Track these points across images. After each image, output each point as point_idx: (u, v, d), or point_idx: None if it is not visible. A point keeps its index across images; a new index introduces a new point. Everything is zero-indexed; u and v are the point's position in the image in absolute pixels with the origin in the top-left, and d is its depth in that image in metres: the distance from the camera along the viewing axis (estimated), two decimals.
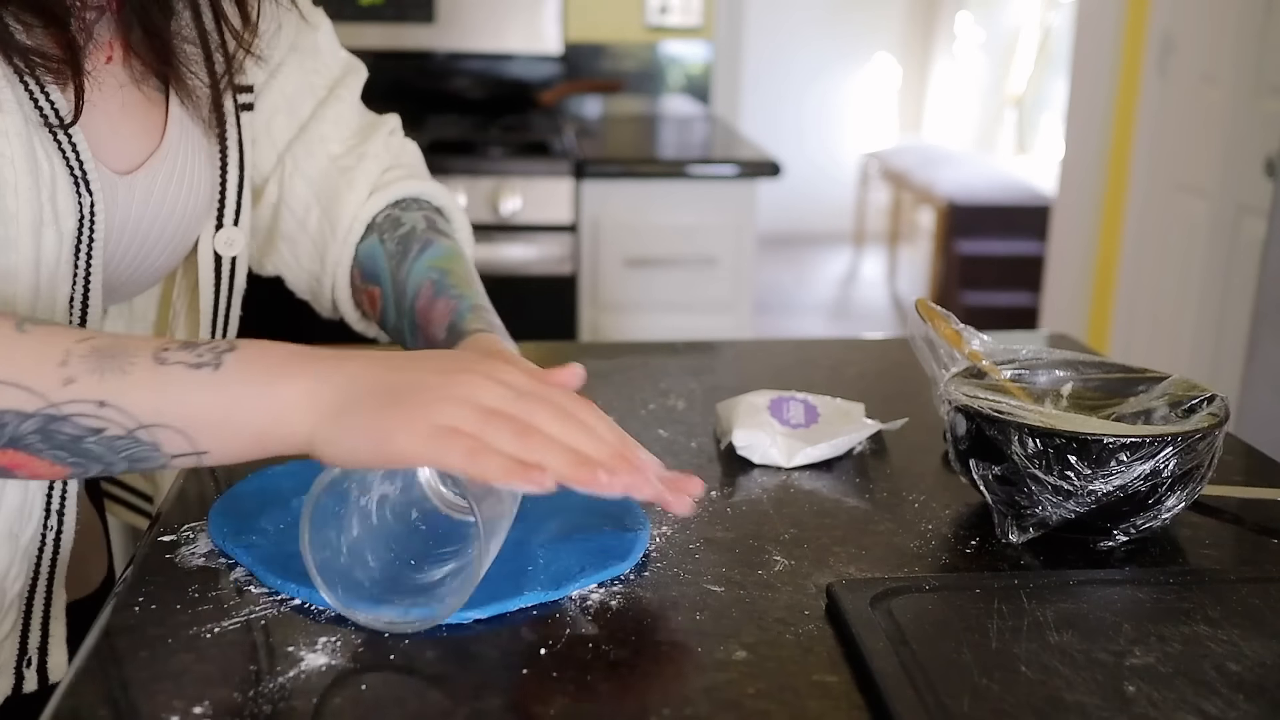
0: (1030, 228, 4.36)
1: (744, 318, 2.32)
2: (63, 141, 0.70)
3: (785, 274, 5.49)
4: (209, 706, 0.54)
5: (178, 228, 0.80)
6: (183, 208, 0.79)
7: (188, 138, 0.79)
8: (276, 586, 0.65)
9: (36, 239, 0.69)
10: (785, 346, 1.19)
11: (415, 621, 0.60)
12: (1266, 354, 2.08)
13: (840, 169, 6.12)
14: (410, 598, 0.62)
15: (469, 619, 0.62)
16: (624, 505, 0.73)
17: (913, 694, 0.54)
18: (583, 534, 0.71)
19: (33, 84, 0.68)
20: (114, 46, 0.74)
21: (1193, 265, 2.76)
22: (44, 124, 0.69)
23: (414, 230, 0.88)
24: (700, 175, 2.28)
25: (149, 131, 0.77)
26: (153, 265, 0.80)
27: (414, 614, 0.61)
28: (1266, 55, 2.49)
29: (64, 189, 0.70)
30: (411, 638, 0.60)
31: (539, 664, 0.59)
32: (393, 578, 0.64)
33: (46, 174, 0.69)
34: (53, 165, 0.69)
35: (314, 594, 0.63)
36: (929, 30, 6.32)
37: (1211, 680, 0.56)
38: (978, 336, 0.84)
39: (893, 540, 0.73)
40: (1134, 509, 0.71)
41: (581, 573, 0.66)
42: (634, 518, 0.73)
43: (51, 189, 0.69)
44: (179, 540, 0.71)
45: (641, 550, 0.70)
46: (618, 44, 2.91)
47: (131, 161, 0.76)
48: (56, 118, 0.70)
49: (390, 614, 0.61)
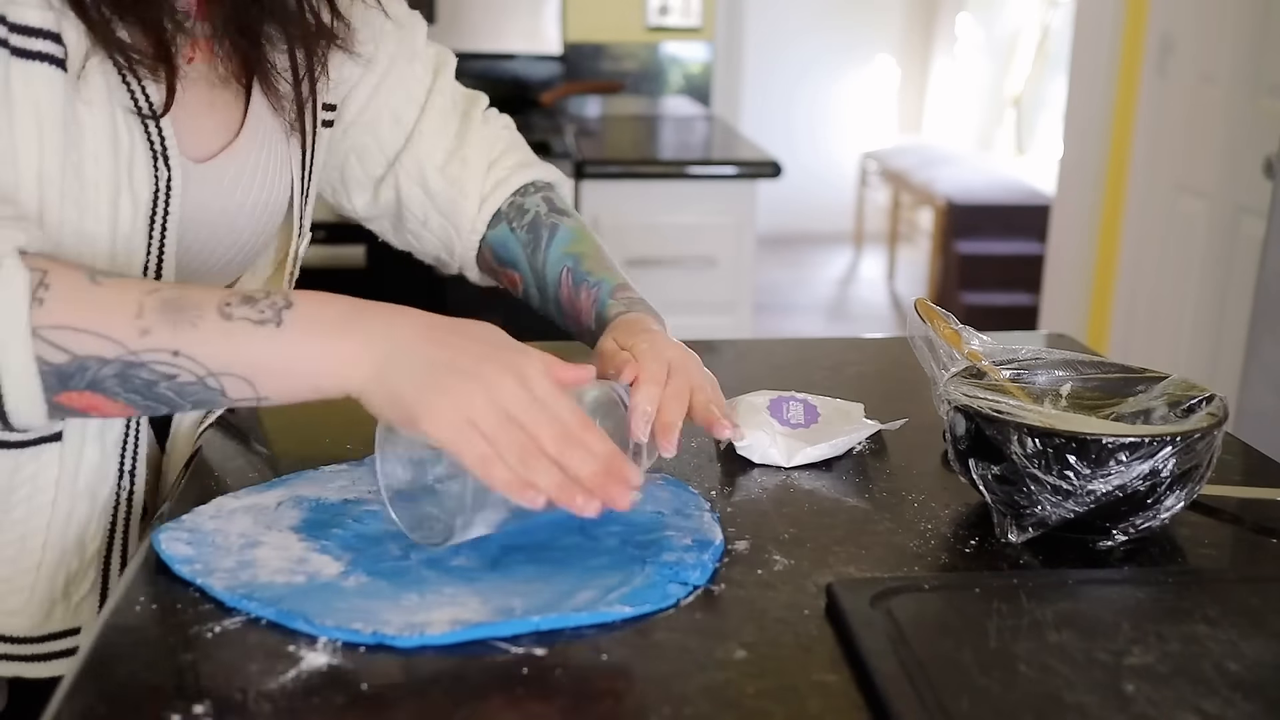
0: (1030, 228, 4.36)
1: (744, 318, 2.32)
2: (150, 127, 0.75)
3: (785, 274, 5.49)
4: (209, 706, 0.54)
5: (248, 221, 0.84)
6: (253, 203, 0.84)
7: (263, 139, 0.84)
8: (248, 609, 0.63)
9: (114, 207, 0.73)
10: (785, 346, 1.19)
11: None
12: (1265, 354, 2.08)
13: (840, 169, 6.12)
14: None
15: (509, 633, 0.61)
16: (697, 523, 0.74)
17: (913, 694, 0.54)
18: (652, 550, 0.70)
19: (130, 76, 0.74)
20: (195, 48, 0.79)
21: (1192, 265, 2.76)
22: (135, 111, 0.74)
23: (538, 215, 0.95)
24: (700, 175, 2.28)
25: (227, 127, 0.82)
26: (223, 256, 0.84)
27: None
28: (1265, 55, 2.49)
29: (141, 162, 0.75)
30: (411, 637, 0.60)
31: (539, 664, 0.59)
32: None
33: (125, 146, 0.73)
34: (133, 138, 0.74)
35: (274, 611, 0.62)
36: (929, 30, 6.32)
37: (1210, 679, 0.57)
38: (977, 336, 0.84)
39: (892, 540, 0.73)
40: (1133, 509, 0.71)
41: (615, 599, 0.64)
42: (704, 541, 0.71)
43: (130, 160, 0.74)
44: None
45: (681, 594, 0.66)
46: (618, 44, 2.91)
47: (207, 152, 0.80)
48: (149, 107, 0.75)
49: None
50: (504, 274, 0.98)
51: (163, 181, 0.76)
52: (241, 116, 0.83)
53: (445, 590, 0.65)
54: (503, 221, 0.97)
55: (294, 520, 0.73)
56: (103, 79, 0.72)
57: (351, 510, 0.74)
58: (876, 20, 6.16)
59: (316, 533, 0.71)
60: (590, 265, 0.92)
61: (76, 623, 0.80)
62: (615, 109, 2.91)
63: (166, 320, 0.64)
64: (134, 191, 0.75)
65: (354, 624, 0.60)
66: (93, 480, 0.79)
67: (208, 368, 0.64)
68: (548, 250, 0.94)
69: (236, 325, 0.64)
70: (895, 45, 6.25)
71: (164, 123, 0.76)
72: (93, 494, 0.79)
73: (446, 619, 0.61)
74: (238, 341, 0.64)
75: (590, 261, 0.92)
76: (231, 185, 0.82)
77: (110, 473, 0.80)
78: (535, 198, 0.97)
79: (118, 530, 0.81)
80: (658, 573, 0.67)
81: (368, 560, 0.68)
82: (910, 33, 6.29)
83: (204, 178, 0.80)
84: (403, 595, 0.64)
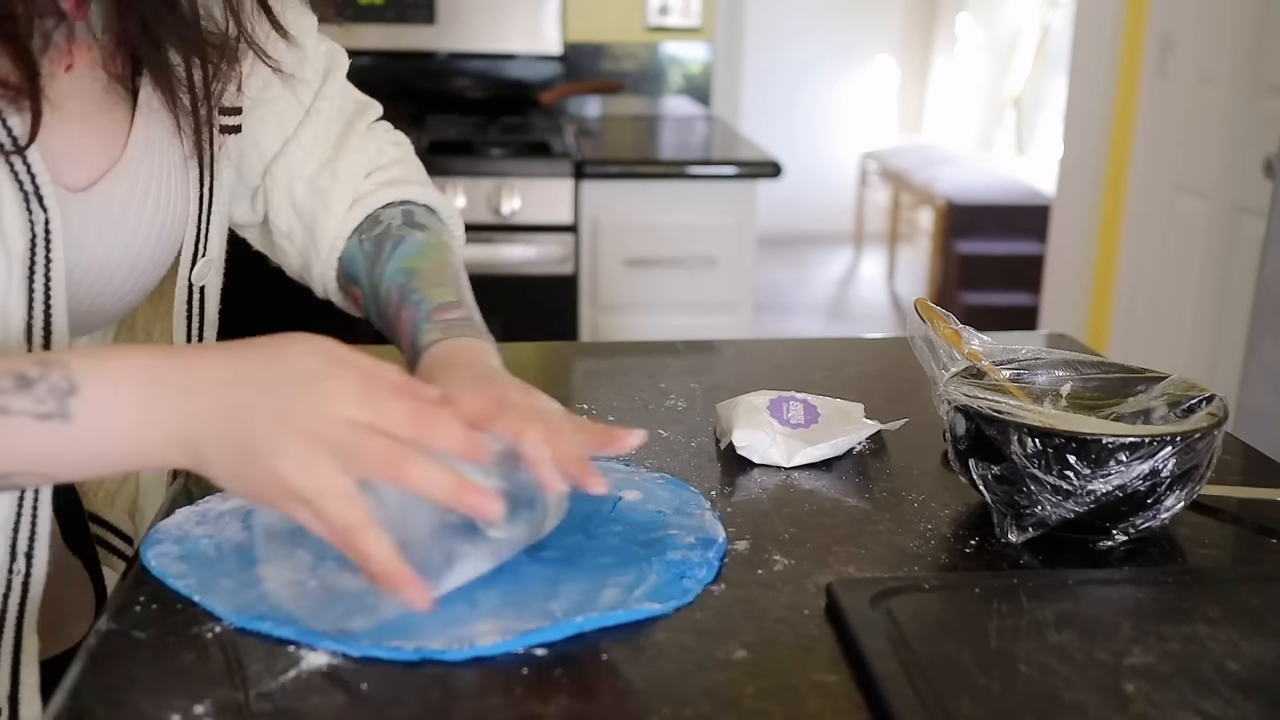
0: (1029, 228, 4.36)
1: (744, 318, 2.32)
2: (15, 162, 0.66)
3: (785, 274, 5.49)
4: (209, 706, 0.54)
5: (142, 250, 0.75)
6: (147, 228, 0.75)
7: (154, 153, 0.75)
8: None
9: None
10: (785, 346, 1.19)
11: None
12: (1265, 354, 2.08)
13: (840, 169, 6.12)
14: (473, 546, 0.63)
15: (522, 647, 0.60)
16: (699, 521, 0.73)
17: (912, 694, 0.54)
18: (654, 550, 0.69)
19: None
20: (74, 53, 0.71)
21: (1191, 265, 2.76)
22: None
23: (389, 228, 0.86)
24: (700, 175, 2.28)
25: (109, 145, 0.73)
26: (118, 292, 0.76)
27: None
28: (1265, 55, 2.49)
29: (11, 208, 0.66)
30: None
31: (539, 664, 0.59)
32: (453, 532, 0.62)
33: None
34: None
35: (268, 625, 0.61)
36: (929, 30, 6.32)
37: (1210, 680, 0.57)
38: (977, 336, 0.84)
39: (892, 540, 0.73)
40: (1133, 509, 0.71)
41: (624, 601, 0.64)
42: (707, 540, 0.71)
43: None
44: None
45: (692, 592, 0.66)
46: (618, 44, 2.91)
47: (88, 177, 0.71)
48: (11, 141, 0.66)
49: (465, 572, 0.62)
50: (350, 292, 0.88)
51: (39, 225, 0.67)
52: (125, 132, 0.74)
53: (460, 595, 0.63)
54: (355, 234, 0.87)
55: (289, 526, 0.70)
56: None
57: None
58: (876, 20, 6.16)
59: (316, 540, 0.68)
60: (419, 282, 0.80)
61: None
62: (615, 109, 2.91)
63: None
64: (6, 241, 0.65)
65: (392, 641, 0.59)
66: None
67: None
68: (386, 264, 0.83)
69: (16, 422, 0.55)
70: (895, 45, 6.25)
71: (31, 155, 0.66)
72: None
73: (494, 629, 0.60)
74: (21, 441, 0.56)
75: (421, 278, 0.80)
76: (122, 211, 0.73)
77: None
78: (394, 210, 0.87)
79: (9, 615, 0.71)
80: (666, 570, 0.67)
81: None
82: (910, 33, 6.29)
83: (88, 208, 0.71)
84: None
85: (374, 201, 0.88)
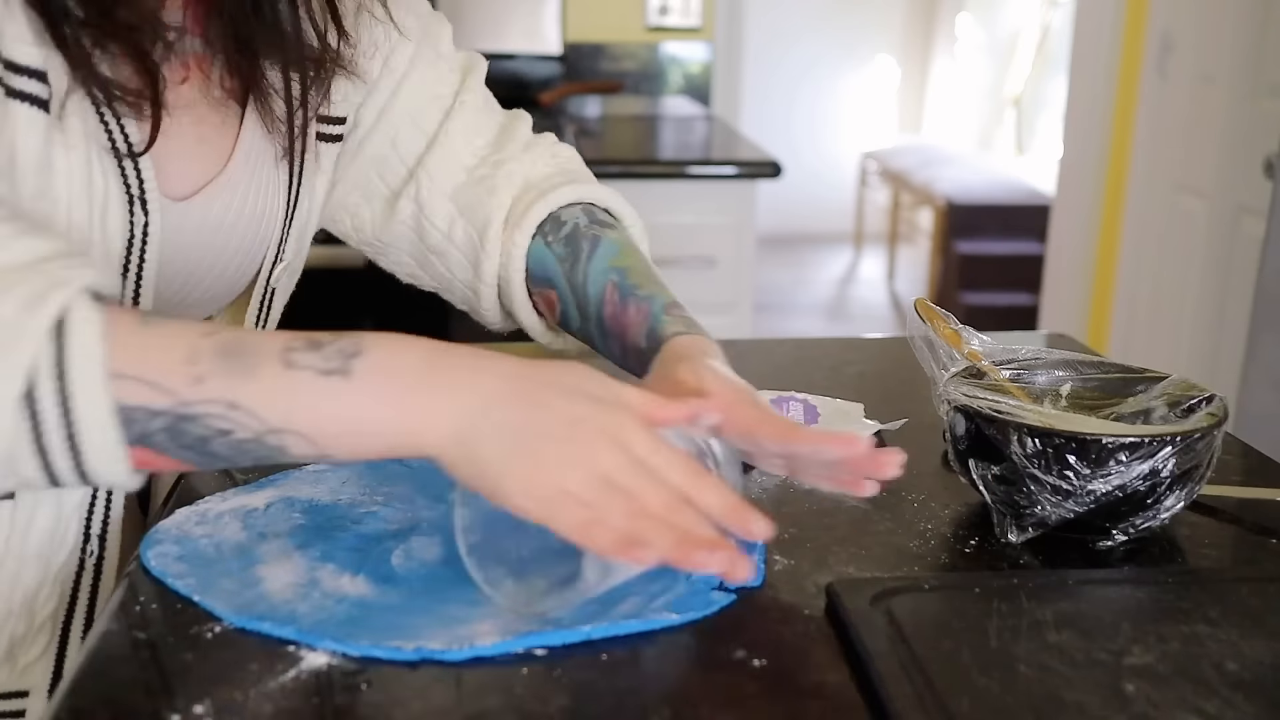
0: (1029, 228, 4.37)
1: (743, 318, 2.32)
2: (126, 166, 0.69)
3: (785, 274, 5.49)
4: (209, 706, 0.54)
5: (232, 259, 0.78)
6: (240, 238, 0.77)
7: (254, 167, 0.78)
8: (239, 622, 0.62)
9: None
10: (785, 346, 1.19)
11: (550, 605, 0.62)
12: (1265, 354, 2.08)
13: (839, 169, 6.13)
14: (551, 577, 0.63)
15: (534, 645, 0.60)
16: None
17: (912, 694, 0.54)
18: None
19: (108, 114, 0.68)
20: (191, 67, 0.74)
21: (1192, 265, 2.76)
22: (112, 151, 0.68)
23: (576, 228, 0.85)
24: (700, 175, 2.28)
25: (214, 158, 0.76)
26: (204, 295, 0.78)
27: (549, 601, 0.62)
28: (1265, 55, 2.49)
29: (115, 210, 0.68)
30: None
31: (539, 664, 0.59)
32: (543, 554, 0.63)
33: (100, 190, 0.68)
34: (107, 184, 0.68)
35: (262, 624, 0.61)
36: (929, 30, 6.32)
37: (1210, 680, 0.57)
38: (977, 336, 0.84)
39: (892, 540, 0.73)
40: (1133, 509, 0.71)
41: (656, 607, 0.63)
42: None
43: (104, 207, 0.68)
44: None
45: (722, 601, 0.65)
46: (618, 44, 2.91)
47: (191, 187, 0.74)
48: (127, 147, 0.69)
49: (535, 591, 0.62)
50: (542, 295, 0.87)
51: (139, 228, 0.70)
52: (231, 144, 0.77)
53: (460, 595, 0.63)
54: (538, 237, 0.86)
55: (289, 526, 0.71)
56: (79, 120, 0.67)
57: (350, 513, 0.73)
58: (876, 20, 6.16)
59: (316, 541, 0.69)
60: (639, 280, 0.81)
61: (23, 686, 0.75)
62: (615, 109, 2.91)
63: (222, 368, 0.56)
64: (106, 241, 0.68)
65: (392, 641, 0.59)
66: (45, 545, 0.72)
67: (266, 423, 0.57)
68: (589, 265, 0.83)
69: (299, 375, 0.57)
70: (895, 45, 6.25)
71: (143, 161, 0.70)
72: (45, 559, 0.73)
73: (494, 630, 0.60)
74: (299, 394, 0.56)
75: (638, 276, 0.82)
76: (217, 222, 0.76)
77: (69, 538, 0.74)
78: (574, 209, 0.87)
79: (81, 596, 0.75)
80: (702, 580, 0.66)
81: (373, 565, 0.67)
82: (910, 33, 6.29)
83: (186, 217, 0.74)
84: (423, 605, 0.62)
85: (556, 200, 0.87)
